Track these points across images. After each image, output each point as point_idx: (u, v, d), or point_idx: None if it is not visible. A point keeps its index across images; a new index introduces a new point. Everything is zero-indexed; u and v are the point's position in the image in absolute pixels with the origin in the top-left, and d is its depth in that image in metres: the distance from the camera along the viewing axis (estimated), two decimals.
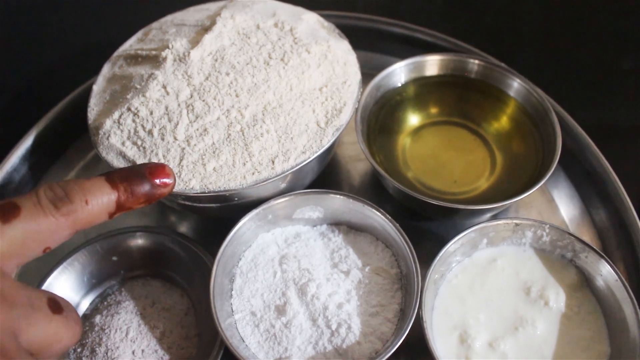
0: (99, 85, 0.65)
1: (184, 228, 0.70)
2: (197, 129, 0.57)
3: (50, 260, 0.63)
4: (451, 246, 0.58)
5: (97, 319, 0.61)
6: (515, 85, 0.70)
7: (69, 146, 0.76)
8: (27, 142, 0.71)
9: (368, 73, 0.70)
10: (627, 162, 0.73)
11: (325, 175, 0.68)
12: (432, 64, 0.72)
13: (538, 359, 0.56)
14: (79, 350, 0.59)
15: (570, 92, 0.82)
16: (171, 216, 0.71)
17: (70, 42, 0.89)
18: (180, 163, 0.57)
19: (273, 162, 0.57)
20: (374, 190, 0.71)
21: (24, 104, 0.82)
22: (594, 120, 0.79)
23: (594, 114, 0.81)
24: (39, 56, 0.88)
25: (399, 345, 0.53)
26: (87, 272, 0.63)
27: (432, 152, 0.69)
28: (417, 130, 0.71)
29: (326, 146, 0.59)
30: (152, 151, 0.57)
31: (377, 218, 0.60)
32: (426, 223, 0.69)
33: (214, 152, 0.57)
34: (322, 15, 0.71)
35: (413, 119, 0.72)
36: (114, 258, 0.63)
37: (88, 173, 0.74)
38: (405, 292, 0.59)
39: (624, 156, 0.73)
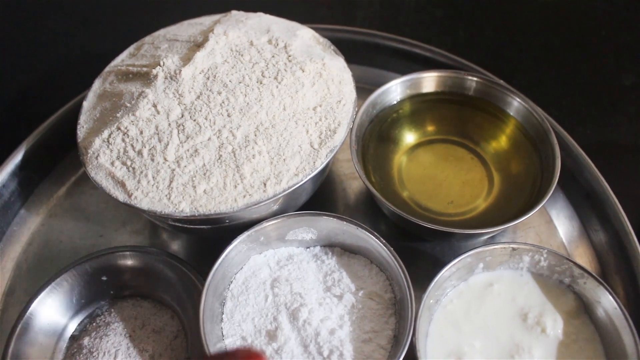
0: (89, 102, 0.64)
1: (175, 247, 0.69)
2: (188, 150, 0.56)
3: (38, 280, 0.62)
4: (446, 271, 0.57)
5: (86, 341, 0.60)
6: (515, 104, 0.68)
7: (59, 161, 0.75)
8: (16, 158, 0.70)
9: (365, 88, 0.69)
10: (627, 182, 0.71)
11: (320, 194, 0.67)
12: (429, 81, 0.71)
13: None
14: None
15: (571, 108, 0.81)
16: (163, 235, 0.70)
17: (63, 55, 0.88)
18: (170, 185, 0.55)
19: (265, 184, 0.56)
20: (370, 210, 0.70)
21: (14, 117, 0.81)
22: (594, 138, 0.78)
23: (594, 131, 0.80)
24: (30, 68, 0.87)
25: None
26: (76, 292, 0.61)
27: (428, 172, 0.68)
28: (414, 149, 0.70)
29: (319, 168, 0.57)
30: (141, 172, 0.56)
31: (371, 241, 0.59)
32: (422, 244, 0.67)
33: (204, 174, 0.56)
34: (319, 29, 0.70)
35: (409, 137, 0.70)
36: (104, 278, 0.62)
37: (79, 189, 0.73)
38: (399, 317, 0.57)
39: (624, 176, 0.72)
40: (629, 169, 0.76)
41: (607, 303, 0.56)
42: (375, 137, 0.69)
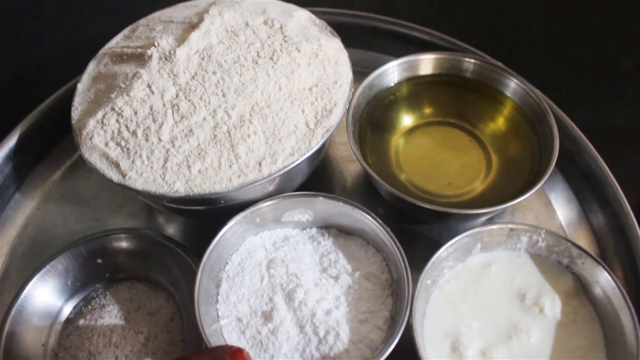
0: (83, 84, 0.64)
1: (171, 230, 0.68)
2: (182, 130, 0.56)
3: (33, 263, 0.62)
4: (443, 251, 0.57)
5: (81, 322, 0.60)
6: (513, 85, 0.68)
7: (54, 145, 0.74)
8: (10, 142, 0.69)
9: (362, 72, 0.68)
10: (626, 165, 0.71)
11: (317, 176, 0.67)
12: (426, 63, 0.70)
13: None
14: (61, 355, 0.58)
15: (570, 93, 0.80)
16: (159, 218, 0.69)
17: (58, 39, 0.87)
18: (164, 165, 0.55)
19: (260, 164, 0.55)
20: (367, 192, 0.70)
21: (8, 102, 0.80)
22: (593, 122, 0.77)
23: (593, 115, 0.79)
24: (25, 54, 0.86)
25: (389, 354, 0.51)
26: (71, 275, 0.61)
27: (426, 154, 0.67)
28: (411, 131, 0.69)
29: (315, 148, 0.57)
30: (135, 152, 0.56)
31: (367, 222, 0.58)
32: (419, 226, 0.67)
33: (199, 154, 0.55)
34: (317, 12, 0.70)
35: (407, 120, 0.70)
36: (99, 260, 0.62)
37: (74, 173, 0.73)
38: (395, 298, 0.57)
39: (623, 159, 0.71)
40: (629, 153, 0.75)
41: (605, 283, 0.56)
42: (372, 119, 0.68)
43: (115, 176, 0.56)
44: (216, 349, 0.47)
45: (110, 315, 0.60)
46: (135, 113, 0.57)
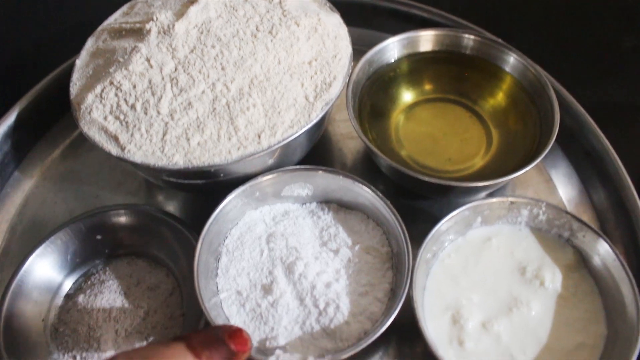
0: (82, 60, 0.64)
1: (171, 207, 0.68)
2: (181, 103, 0.56)
3: (32, 240, 0.62)
4: (444, 224, 0.56)
5: (80, 298, 0.59)
6: (512, 60, 0.68)
7: (53, 124, 0.74)
8: (9, 120, 0.69)
9: (362, 50, 0.68)
10: (627, 141, 0.70)
11: (317, 153, 0.66)
12: (426, 40, 0.70)
13: (533, 340, 0.54)
14: (61, 329, 0.58)
15: (571, 71, 0.80)
16: (158, 195, 0.69)
17: (57, 18, 0.87)
18: (163, 138, 0.55)
19: (259, 136, 0.55)
20: (367, 169, 0.69)
21: (7, 80, 0.80)
22: (594, 99, 0.77)
23: (594, 93, 0.79)
24: (24, 32, 0.86)
25: (389, 326, 0.51)
26: (70, 251, 0.61)
27: (426, 130, 0.67)
28: (411, 108, 0.69)
29: (315, 121, 0.57)
30: (134, 126, 0.55)
31: (367, 195, 0.58)
32: (420, 202, 0.67)
33: (198, 127, 0.55)
34: None
35: (407, 96, 0.70)
36: (99, 237, 0.62)
37: (73, 151, 0.73)
38: (396, 271, 0.57)
39: (624, 135, 0.71)
40: (629, 130, 0.75)
41: (606, 255, 0.56)
42: (372, 95, 0.68)
43: (114, 149, 0.56)
44: (215, 328, 0.47)
45: (110, 290, 0.60)
46: (134, 87, 0.57)
